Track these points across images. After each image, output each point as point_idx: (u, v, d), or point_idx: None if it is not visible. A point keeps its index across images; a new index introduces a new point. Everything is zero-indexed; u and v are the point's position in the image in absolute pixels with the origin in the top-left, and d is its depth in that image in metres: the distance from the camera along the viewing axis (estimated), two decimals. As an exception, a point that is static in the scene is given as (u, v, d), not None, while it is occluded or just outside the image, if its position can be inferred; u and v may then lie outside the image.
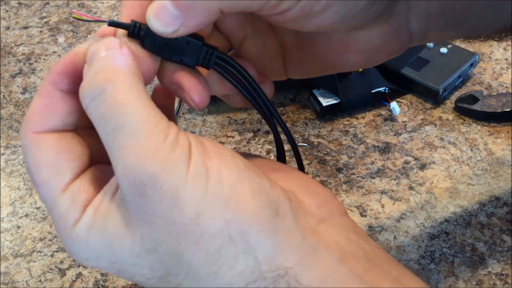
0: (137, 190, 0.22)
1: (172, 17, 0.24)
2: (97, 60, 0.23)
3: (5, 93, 0.61)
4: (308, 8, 0.25)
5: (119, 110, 0.22)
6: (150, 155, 0.22)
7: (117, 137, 0.22)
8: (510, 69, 0.60)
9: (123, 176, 0.22)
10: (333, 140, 0.54)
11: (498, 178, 0.49)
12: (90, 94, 0.23)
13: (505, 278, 0.42)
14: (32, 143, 0.24)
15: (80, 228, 0.24)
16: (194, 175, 0.22)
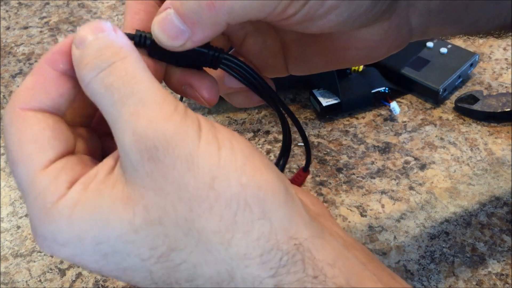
0: (147, 155, 0.21)
1: (178, 32, 0.24)
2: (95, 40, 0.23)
3: (5, 93, 0.61)
4: (313, 11, 0.25)
5: (129, 80, 0.22)
6: (162, 119, 0.21)
7: (125, 105, 0.22)
8: (510, 69, 0.60)
9: (133, 142, 0.21)
10: (333, 140, 0.54)
11: (498, 178, 0.49)
12: (96, 67, 0.22)
13: (505, 278, 0.42)
14: (17, 118, 0.23)
15: (63, 204, 0.22)
16: (207, 141, 0.22)
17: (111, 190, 0.22)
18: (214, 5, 0.23)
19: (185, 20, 0.24)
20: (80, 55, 0.23)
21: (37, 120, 0.23)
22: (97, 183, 0.22)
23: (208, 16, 0.23)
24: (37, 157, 0.23)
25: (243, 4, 0.23)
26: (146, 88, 0.22)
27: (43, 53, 0.67)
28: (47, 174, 0.22)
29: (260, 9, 0.24)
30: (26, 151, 0.23)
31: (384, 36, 0.29)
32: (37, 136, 0.23)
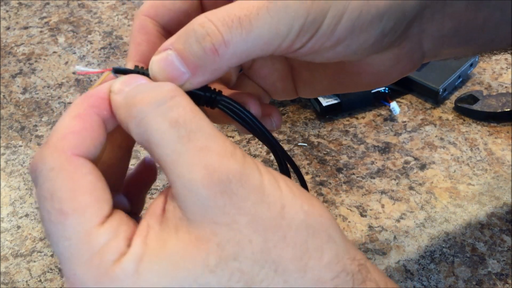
0: (220, 189, 0.21)
1: (178, 73, 0.23)
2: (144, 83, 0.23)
3: (5, 93, 0.61)
4: (319, 45, 0.25)
5: (194, 115, 0.22)
6: (230, 154, 0.21)
7: (193, 140, 0.21)
8: (510, 69, 0.60)
9: (203, 176, 0.21)
10: (333, 140, 0.54)
11: (498, 178, 0.49)
12: (156, 101, 0.22)
13: (505, 278, 0.42)
14: (69, 164, 0.21)
15: (127, 262, 0.21)
16: (267, 176, 0.22)
17: (176, 235, 0.21)
18: (217, 51, 0.23)
19: (187, 63, 0.23)
20: (126, 96, 0.22)
21: (89, 169, 0.22)
22: (156, 233, 0.21)
23: (211, 61, 0.23)
24: (94, 211, 0.21)
25: (246, 47, 0.23)
26: (208, 125, 0.22)
27: (43, 53, 0.67)
28: (105, 230, 0.21)
29: (264, 49, 0.24)
30: (82, 203, 0.21)
31: (396, 61, 0.29)
32: (93, 187, 0.22)
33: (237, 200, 0.21)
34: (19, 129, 0.57)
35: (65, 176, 0.21)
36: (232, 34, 0.23)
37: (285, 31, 0.23)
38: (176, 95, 0.22)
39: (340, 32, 0.24)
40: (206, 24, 0.23)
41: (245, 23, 0.23)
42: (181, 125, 0.21)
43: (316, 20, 0.24)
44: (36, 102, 0.60)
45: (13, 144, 0.55)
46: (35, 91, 0.62)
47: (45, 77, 0.64)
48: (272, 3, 0.23)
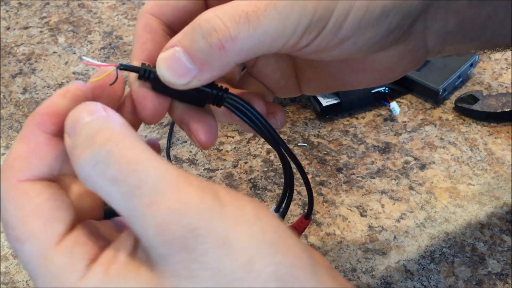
0: (177, 246, 0.19)
1: (185, 70, 0.23)
2: (85, 126, 0.21)
3: (5, 93, 0.61)
4: (325, 43, 0.25)
5: (133, 168, 0.20)
6: (182, 206, 0.20)
7: (138, 197, 0.20)
8: (510, 69, 0.60)
9: (157, 234, 0.19)
10: (333, 140, 0.54)
11: (498, 178, 0.49)
12: (91, 160, 0.20)
13: (505, 278, 0.42)
14: (16, 191, 0.21)
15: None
16: (234, 220, 0.20)
17: (136, 276, 0.20)
18: (224, 47, 0.22)
19: (194, 59, 0.23)
20: (72, 145, 0.21)
21: (37, 191, 0.21)
22: (120, 266, 0.21)
23: (218, 57, 0.23)
24: (46, 235, 0.21)
25: (253, 43, 0.23)
26: (153, 173, 0.20)
27: (43, 53, 0.67)
28: (61, 251, 0.21)
29: (271, 45, 0.23)
30: (32, 227, 0.21)
31: (400, 58, 0.29)
32: (42, 210, 0.21)
33: (197, 255, 0.19)
34: (19, 129, 0.57)
35: (13, 204, 0.21)
36: (239, 29, 0.22)
37: (292, 28, 0.23)
38: (114, 144, 0.20)
39: (346, 29, 0.24)
40: (212, 19, 0.22)
41: (253, 19, 0.22)
42: (121, 183, 0.20)
43: (323, 17, 0.24)
44: (36, 102, 0.60)
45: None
46: (35, 91, 0.62)
47: (45, 77, 0.64)
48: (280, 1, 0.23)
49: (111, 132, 0.21)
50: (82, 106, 0.22)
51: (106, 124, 0.21)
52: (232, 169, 0.51)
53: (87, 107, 0.22)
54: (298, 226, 0.32)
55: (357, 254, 0.44)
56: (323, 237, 0.45)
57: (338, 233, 0.46)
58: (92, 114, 0.21)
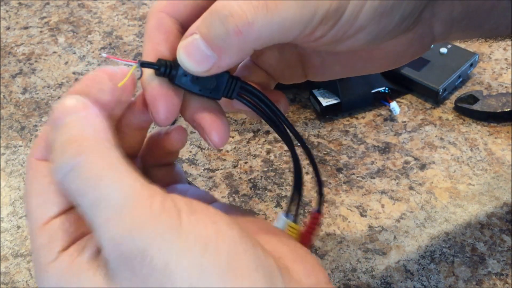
0: (125, 263, 0.20)
1: (205, 57, 0.23)
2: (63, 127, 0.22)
3: (5, 93, 0.61)
4: (341, 33, 0.25)
5: (96, 183, 0.21)
6: (136, 227, 0.20)
7: (98, 211, 0.21)
8: (510, 69, 0.60)
9: (110, 248, 0.20)
10: (333, 140, 0.54)
11: (498, 178, 0.49)
12: (62, 169, 0.21)
13: (505, 278, 0.42)
14: (32, 168, 0.24)
15: (52, 272, 0.22)
16: (187, 247, 0.20)
17: (93, 276, 0.21)
18: (241, 32, 0.22)
19: (212, 46, 0.23)
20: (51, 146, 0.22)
21: (46, 172, 0.23)
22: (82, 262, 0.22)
23: (236, 43, 0.23)
24: (40, 212, 0.23)
25: (271, 30, 0.23)
26: (115, 190, 0.21)
27: (43, 53, 0.67)
28: (44, 232, 0.23)
29: (287, 34, 0.24)
30: (31, 204, 0.23)
31: (408, 45, 0.29)
32: (43, 190, 0.23)
33: (142, 277, 0.20)
34: (19, 129, 0.57)
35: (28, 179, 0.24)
36: (257, 15, 0.22)
37: (309, 17, 0.23)
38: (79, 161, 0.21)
39: (362, 19, 0.24)
40: (229, 5, 0.22)
41: (271, 5, 0.22)
42: (83, 197, 0.21)
43: (340, 8, 0.24)
44: (36, 102, 0.60)
45: (13, 144, 0.55)
46: (35, 91, 0.62)
47: (45, 77, 0.64)
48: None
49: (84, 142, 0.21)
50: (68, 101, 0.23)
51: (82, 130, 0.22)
52: (232, 169, 0.51)
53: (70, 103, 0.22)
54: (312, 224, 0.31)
55: (357, 254, 0.44)
56: (323, 237, 0.45)
57: (338, 233, 0.46)
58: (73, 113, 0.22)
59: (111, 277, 0.21)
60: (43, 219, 0.23)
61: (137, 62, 0.25)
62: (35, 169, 0.24)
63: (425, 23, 0.28)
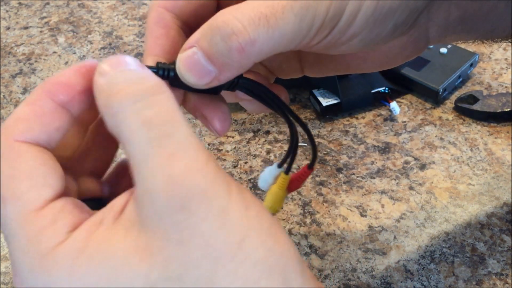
0: (179, 204, 0.19)
1: (206, 72, 0.23)
2: (130, 71, 0.21)
3: (5, 93, 0.61)
4: (336, 39, 0.25)
5: (169, 118, 0.20)
6: (199, 168, 0.20)
7: (163, 145, 0.20)
8: (510, 69, 0.60)
9: (165, 187, 0.19)
10: (333, 140, 0.54)
11: (498, 178, 0.49)
12: (132, 96, 0.20)
13: (505, 278, 0.42)
14: (11, 151, 0.21)
15: (63, 252, 0.19)
16: (237, 200, 0.20)
17: (123, 238, 0.20)
18: (244, 50, 0.23)
19: (213, 61, 0.23)
20: (108, 81, 0.21)
21: (33, 154, 0.21)
22: (105, 229, 0.20)
23: (238, 59, 0.23)
24: (32, 196, 0.20)
25: (272, 44, 0.23)
26: (184, 131, 0.20)
27: (43, 53, 0.67)
28: (43, 215, 0.20)
29: (287, 45, 0.24)
30: (19, 188, 0.20)
31: (402, 48, 0.29)
32: (33, 172, 0.21)
33: (195, 220, 0.19)
34: (19, 129, 0.57)
35: (6, 163, 0.21)
36: (258, 32, 0.22)
37: (307, 28, 0.24)
38: (158, 93, 0.20)
39: (356, 27, 0.25)
40: (231, 22, 0.22)
41: (272, 21, 0.23)
42: (154, 127, 0.20)
43: (335, 17, 0.24)
44: (36, 102, 0.60)
45: (13, 144, 0.55)
46: (35, 91, 0.62)
47: (45, 77, 0.64)
48: (296, 2, 0.23)
49: (156, 83, 0.21)
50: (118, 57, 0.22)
51: (150, 75, 0.21)
52: (232, 169, 0.51)
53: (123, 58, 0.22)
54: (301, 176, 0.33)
55: (357, 254, 0.44)
56: (323, 237, 0.45)
57: (338, 233, 0.46)
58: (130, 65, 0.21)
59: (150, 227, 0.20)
60: (37, 204, 0.20)
61: None
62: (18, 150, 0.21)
63: (421, 27, 0.28)
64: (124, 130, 0.20)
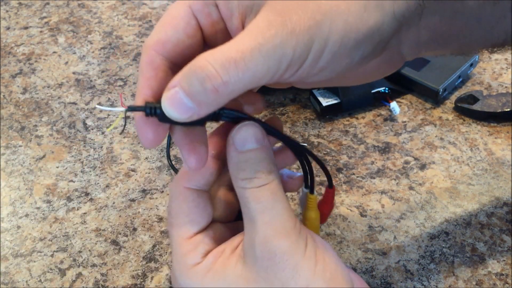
0: (268, 256, 0.29)
1: (186, 108, 0.26)
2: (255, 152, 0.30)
3: (5, 93, 0.61)
4: (306, 73, 0.27)
5: (272, 197, 0.29)
6: (284, 234, 0.29)
7: (263, 214, 0.29)
8: (510, 69, 0.60)
9: (261, 243, 0.29)
10: (333, 140, 0.54)
11: (498, 178, 0.49)
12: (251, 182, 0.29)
13: (505, 278, 0.42)
14: (180, 194, 0.32)
15: (198, 270, 0.30)
16: (309, 258, 0.29)
17: (234, 267, 0.30)
18: (218, 91, 0.25)
19: (192, 99, 0.26)
20: (238, 161, 0.30)
21: (192, 198, 0.32)
22: (224, 258, 0.30)
23: (213, 98, 0.26)
24: (186, 228, 0.31)
25: (243, 84, 0.26)
26: (281, 206, 0.29)
27: (43, 53, 0.67)
28: (190, 243, 0.31)
29: (258, 82, 0.26)
30: (181, 221, 0.32)
31: (377, 67, 0.31)
32: (190, 212, 0.31)
33: (276, 269, 0.29)
34: (19, 129, 0.57)
35: (175, 201, 0.32)
36: (229, 75, 0.25)
37: (275, 68, 0.26)
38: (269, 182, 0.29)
39: (323, 62, 0.27)
40: (205, 67, 0.25)
41: (241, 65, 0.25)
42: (261, 203, 0.29)
43: (302, 55, 0.26)
44: (36, 102, 0.60)
45: (13, 144, 0.55)
46: (35, 91, 0.62)
47: (45, 77, 0.64)
48: (263, 46, 0.25)
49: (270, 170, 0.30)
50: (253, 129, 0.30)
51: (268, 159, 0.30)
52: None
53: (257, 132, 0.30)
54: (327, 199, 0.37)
55: (357, 254, 0.44)
56: (323, 237, 0.45)
57: (338, 233, 0.46)
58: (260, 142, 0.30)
59: (250, 264, 0.29)
60: (189, 233, 0.31)
61: (127, 108, 0.28)
62: (184, 194, 0.31)
63: (392, 49, 0.30)
64: (242, 196, 0.30)
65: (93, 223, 0.47)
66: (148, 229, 0.47)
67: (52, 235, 0.47)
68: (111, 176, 0.51)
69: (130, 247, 0.45)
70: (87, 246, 0.46)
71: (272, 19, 0.26)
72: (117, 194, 0.50)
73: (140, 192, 0.50)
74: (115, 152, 0.54)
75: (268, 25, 0.25)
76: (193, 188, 0.32)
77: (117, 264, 0.44)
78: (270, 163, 0.30)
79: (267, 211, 0.29)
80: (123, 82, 0.62)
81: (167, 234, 0.46)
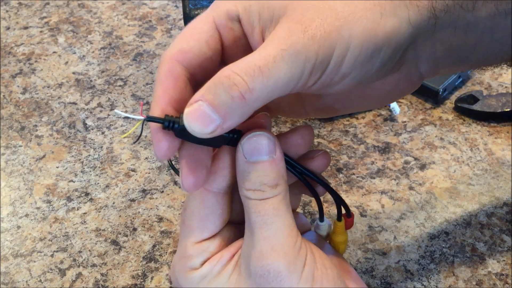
0: (261, 272, 0.28)
1: (210, 120, 0.26)
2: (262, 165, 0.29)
3: (5, 93, 0.61)
4: (329, 80, 0.28)
5: (273, 213, 0.29)
6: (282, 252, 0.28)
7: (263, 228, 0.29)
8: (510, 69, 0.60)
9: (256, 257, 0.29)
10: (333, 140, 0.54)
11: (498, 178, 0.49)
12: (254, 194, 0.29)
13: (505, 278, 0.42)
14: (199, 195, 0.31)
15: (195, 275, 0.31)
16: (305, 280, 0.29)
17: (228, 276, 0.30)
18: (244, 97, 0.26)
19: (218, 110, 0.26)
20: (244, 170, 0.29)
21: (210, 203, 0.31)
22: (221, 266, 0.31)
23: (239, 107, 0.26)
24: (197, 233, 0.31)
25: (268, 91, 0.26)
26: (282, 222, 0.29)
27: (43, 53, 0.67)
28: (195, 249, 0.31)
29: (283, 90, 0.27)
30: (193, 223, 0.31)
31: (396, 85, 0.31)
32: (204, 217, 0.31)
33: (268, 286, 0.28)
34: (19, 129, 0.57)
35: (193, 203, 0.31)
36: (255, 81, 0.25)
37: (299, 73, 0.26)
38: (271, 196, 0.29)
39: (345, 67, 0.27)
40: (232, 76, 0.26)
41: (265, 71, 0.26)
42: (262, 216, 0.29)
43: (324, 60, 0.27)
44: (36, 102, 0.60)
45: (13, 144, 0.55)
46: (35, 91, 0.62)
47: (45, 77, 0.64)
48: (286, 51, 0.26)
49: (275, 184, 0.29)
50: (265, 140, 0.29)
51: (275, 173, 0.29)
52: (232, 169, 0.51)
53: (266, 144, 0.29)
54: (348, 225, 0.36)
55: (357, 254, 0.44)
56: (323, 237, 0.45)
57: (338, 233, 0.46)
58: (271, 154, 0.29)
59: (245, 276, 0.29)
60: (198, 239, 0.31)
61: (145, 117, 0.27)
62: (203, 197, 0.31)
63: (410, 64, 0.30)
64: (245, 205, 0.30)
65: (93, 223, 0.47)
66: (148, 229, 0.47)
67: (52, 235, 0.47)
68: (111, 176, 0.52)
69: (130, 247, 0.45)
70: (87, 246, 0.46)
71: (292, 27, 0.26)
72: (117, 194, 0.50)
73: (140, 192, 0.50)
74: (115, 152, 0.54)
75: (289, 32, 0.26)
76: (213, 191, 0.31)
77: (117, 264, 0.44)
78: (277, 176, 0.29)
79: (266, 226, 0.29)
80: (123, 82, 0.62)
81: (167, 234, 0.46)
